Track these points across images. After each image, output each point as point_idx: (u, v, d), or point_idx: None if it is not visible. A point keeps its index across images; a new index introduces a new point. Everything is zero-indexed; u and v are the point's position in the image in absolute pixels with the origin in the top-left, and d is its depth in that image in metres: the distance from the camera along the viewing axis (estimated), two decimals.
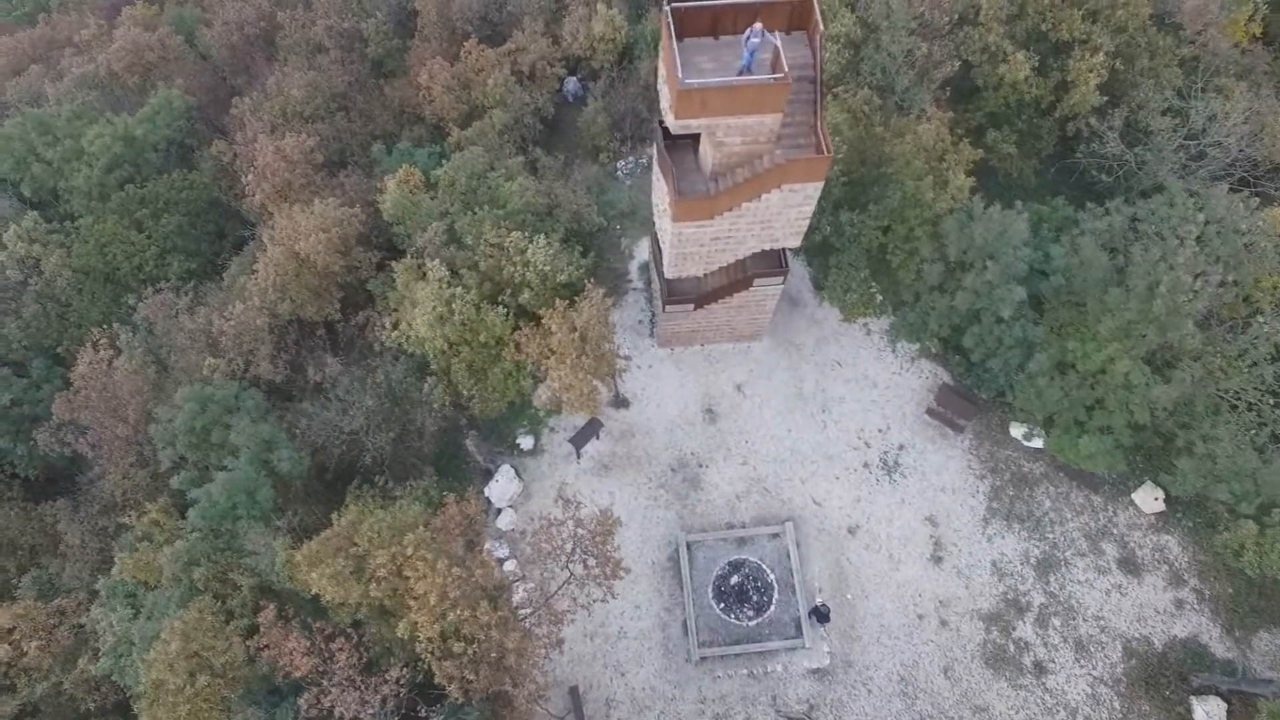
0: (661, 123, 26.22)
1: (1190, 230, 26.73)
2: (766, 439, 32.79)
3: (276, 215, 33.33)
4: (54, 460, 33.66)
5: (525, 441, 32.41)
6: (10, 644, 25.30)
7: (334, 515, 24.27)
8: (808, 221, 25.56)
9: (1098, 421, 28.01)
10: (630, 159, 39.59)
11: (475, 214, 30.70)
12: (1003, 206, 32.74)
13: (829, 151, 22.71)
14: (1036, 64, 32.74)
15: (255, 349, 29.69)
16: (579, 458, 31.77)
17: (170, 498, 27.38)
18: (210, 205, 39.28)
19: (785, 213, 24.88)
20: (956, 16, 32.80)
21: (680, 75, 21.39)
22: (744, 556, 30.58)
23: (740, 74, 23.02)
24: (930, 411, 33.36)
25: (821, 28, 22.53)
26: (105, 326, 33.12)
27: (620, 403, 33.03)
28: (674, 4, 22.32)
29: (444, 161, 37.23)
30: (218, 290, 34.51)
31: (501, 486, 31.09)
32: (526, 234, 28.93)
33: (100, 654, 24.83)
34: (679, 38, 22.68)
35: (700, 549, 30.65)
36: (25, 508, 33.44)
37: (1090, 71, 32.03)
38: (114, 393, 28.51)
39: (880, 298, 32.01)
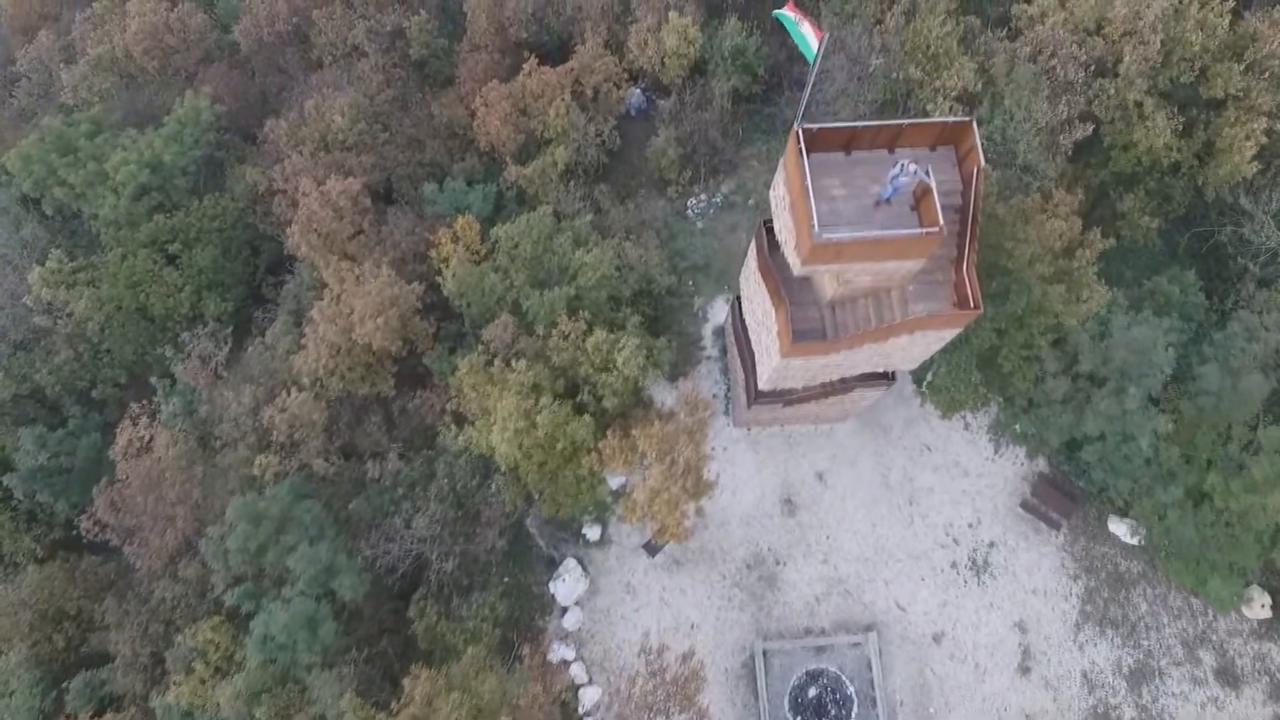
0: (768, 225, 23.00)
1: None
2: (849, 535, 30.65)
3: (323, 271, 30.53)
4: None
5: (591, 532, 30.41)
6: None
7: (405, 681, 22.58)
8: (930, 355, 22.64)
9: (1229, 557, 25.60)
10: (702, 196, 35.85)
11: (544, 294, 27.76)
12: (1126, 286, 29.46)
13: (978, 305, 19.47)
14: (1180, 127, 28.63)
15: (306, 439, 27.47)
16: (651, 555, 29.85)
17: (224, 615, 25.83)
18: (244, 228, 36.40)
19: (910, 349, 21.93)
20: (1093, 68, 28.53)
21: (816, 222, 18.12)
22: (823, 666, 28.97)
23: (878, 204, 19.76)
24: (1025, 505, 31.02)
25: (981, 160, 18.98)
26: (144, 400, 30.76)
27: None
28: (805, 126, 18.79)
29: (500, 198, 34.04)
30: (261, 348, 32.02)
31: (568, 585, 29.31)
32: (611, 335, 25.97)
33: None
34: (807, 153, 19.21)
35: (776, 657, 29.04)
36: (69, 565, 32.25)
37: (1248, 139, 27.95)
38: (161, 494, 26.55)
39: (984, 390, 29.19)
